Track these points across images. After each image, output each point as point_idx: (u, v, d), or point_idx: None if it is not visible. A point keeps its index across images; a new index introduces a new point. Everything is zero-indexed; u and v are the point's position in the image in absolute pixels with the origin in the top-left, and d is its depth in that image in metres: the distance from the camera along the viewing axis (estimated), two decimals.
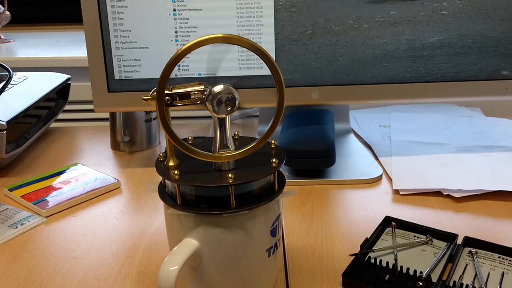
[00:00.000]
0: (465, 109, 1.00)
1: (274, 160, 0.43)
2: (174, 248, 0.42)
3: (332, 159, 0.72)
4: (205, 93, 0.42)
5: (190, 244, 0.42)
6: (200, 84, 0.42)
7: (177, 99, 0.42)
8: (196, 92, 0.42)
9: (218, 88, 0.41)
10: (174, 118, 1.11)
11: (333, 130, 0.78)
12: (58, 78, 0.93)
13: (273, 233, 0.45)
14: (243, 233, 0.43)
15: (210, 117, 1.16)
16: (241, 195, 0.42)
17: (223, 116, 0.42)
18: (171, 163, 0.44)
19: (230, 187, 0.41)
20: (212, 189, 0.42)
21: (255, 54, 0.74)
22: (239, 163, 0.44)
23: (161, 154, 0.45)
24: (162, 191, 0.45)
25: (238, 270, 0.44)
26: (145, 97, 0.42)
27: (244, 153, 0.42)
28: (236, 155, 0.42)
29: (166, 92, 0.41)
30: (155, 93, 0.41)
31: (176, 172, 0.41)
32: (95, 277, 0.53)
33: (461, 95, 0.74)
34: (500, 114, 0.95)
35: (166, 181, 0.44)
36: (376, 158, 0.79)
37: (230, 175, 0.40)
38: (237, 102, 0.41)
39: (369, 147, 0.84)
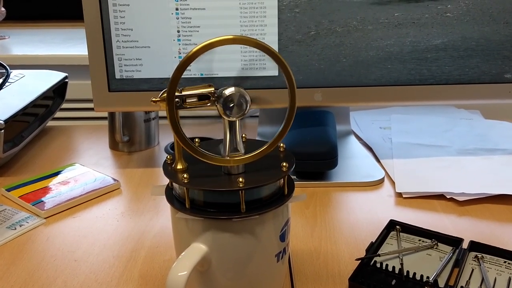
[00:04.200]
0: (465, 112, 1.00)
1: (284, 163, 0.43)
2: (183, 253, 0.41)
3: (335, 161, 0.71)
4: (216, 95, 0.41)
5: (198, 249, 0.41)
6: (210, 86, 0.41)
7: (187, 101, 0.41)
8: (206, 94, 0.41)
9: (229, 90, 0.40)
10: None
11: (335, 131, 0.77)
12: (55, 76, 0.92)
13: (282, 238, 0.44)
14: (253, 238, 0.42)
15: (208, 117, 1.15)
16: (251, 199, 0.41)
17: (234, 119, 0.41)
18: (179, 166, 0.43)
19: (240, 191, 0.40)
20: (222, 193, 0.41)
21: (257, 56, 0.74)
22: (248, 167, 0.43)
23: (168, 157, 0.44)
24: (169, 195, 0.44)
25: (246, 276, 0.43)
26: (154, 99, 0.41)
27: (254, 156, 0.42)
28: (246, 158, 0.42)
29: (176, 94, 0.40)
30: (164, 95, 0.40)
31: (185, 175, 0.41)
32: (97, 280, 0.52)
33: (464, 98, 0.74)
34: (499, 117, 0.95)
35: (174, 184, 0.44)
36: (378, 160, 0.79)
37: (240, 179, 0.40)
38: (248, 105, 0.41)
39: (369, 149, 0.83)
